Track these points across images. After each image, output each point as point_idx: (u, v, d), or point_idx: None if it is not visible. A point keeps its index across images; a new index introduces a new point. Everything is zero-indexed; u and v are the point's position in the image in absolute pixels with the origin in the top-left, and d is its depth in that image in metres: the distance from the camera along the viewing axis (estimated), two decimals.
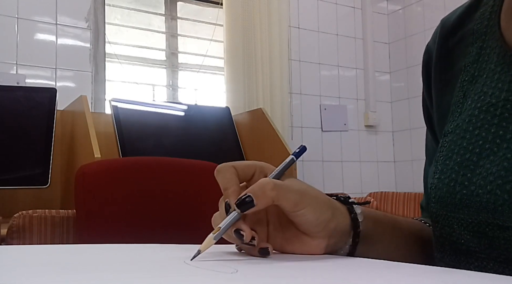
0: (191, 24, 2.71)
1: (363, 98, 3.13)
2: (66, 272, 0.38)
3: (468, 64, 0.54)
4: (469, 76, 0.53)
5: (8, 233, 1.15)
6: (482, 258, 0.44)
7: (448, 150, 0.51)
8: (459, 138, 0.50)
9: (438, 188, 0.49)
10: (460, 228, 0.46)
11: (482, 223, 0.44)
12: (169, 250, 0.52)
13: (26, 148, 1.71)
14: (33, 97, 1.78)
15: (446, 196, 0.48)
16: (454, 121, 0.52)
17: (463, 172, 0.47)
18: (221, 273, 0.39)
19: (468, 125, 0.50)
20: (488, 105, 0.49)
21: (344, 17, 3.11)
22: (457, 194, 0.46)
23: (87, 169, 1.28)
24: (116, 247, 0.54)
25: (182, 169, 1.38)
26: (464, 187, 0.46)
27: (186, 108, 2.24)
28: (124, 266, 0.42)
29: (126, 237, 1.20)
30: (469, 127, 0.49)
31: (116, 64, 2.43)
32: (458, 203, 0.46)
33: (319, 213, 0.44)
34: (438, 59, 0.59)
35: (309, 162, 2.84)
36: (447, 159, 0.50)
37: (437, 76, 0.59)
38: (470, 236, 0.45)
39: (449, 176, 0.48)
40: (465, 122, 0.50)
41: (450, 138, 0.51)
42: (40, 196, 1.87)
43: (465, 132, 0.49)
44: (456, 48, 0.58)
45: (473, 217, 0.44)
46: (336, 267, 0.41)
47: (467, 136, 0.49)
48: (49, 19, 2.20)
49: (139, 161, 1.40)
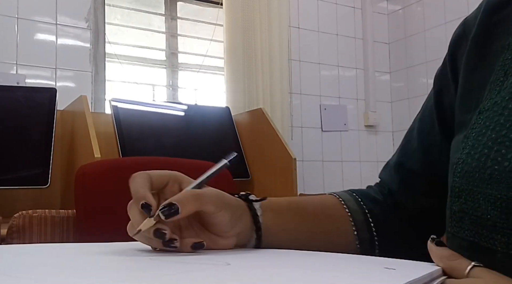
0: (191, 24, 2.71)
1: (363, 98, 3.13)
2: (67, 271, 0.38)
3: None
4: None
5: (8, 233, 1.15)
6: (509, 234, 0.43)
7: (483, 126, 0.48)
8: (496, 115, 0.48)
9: (466, 163, 0.48)
10: (487, 203, 0.44)
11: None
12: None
13: (26, 148, 1.71)
14: (33, 97, 1.78)
15: (475, 171, 0.46)
16: (492, 99, 0.50)
17: (497, 148, 0.45)
18: (216, 265, 0.39)
19: (507, 102, 0.47)
20: None
21: (344, 17, 3.11)
22: (488, 169, 0.45)
23: (87, 169, 1.28)
24: (112, 245, 0.54)
25: (182, 169, 1.38)
26: (496, 162, 0.45)
27: (186, 108, 2.24)
28: (120, 264, 0.42)
29: (126, 237, 1.20)
30: (509, 105, 0.47)
31: (116, 64, 2.43)
32: (488, 178, 0.45)
33: (231, 214, 0.50)
34: (477, 33, 0.57)
35: (309, 162, 2.84)
36: (480, 134, 0.48)
37: (472, 50, 0.57)
38: (497, 211, 0.43)
39: (481, 151, 0.47)
40: (504, 100, 0.48)
41: (486, 115, 0.49)
42: (40, 196, 1.87)
43: (504, 109, 0.47)
44: (499, 25, 0.55)
45: (502, 193, 0.43)
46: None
47: (505, 114, 0.47)
48: (49, 19, 2.20)
49: (139, 161, 1.40)
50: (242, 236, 0.52)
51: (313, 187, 2.76)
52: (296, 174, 2.03)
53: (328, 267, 0.42)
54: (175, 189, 0.51)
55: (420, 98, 0.65)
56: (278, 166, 2.08)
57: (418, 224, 0.62)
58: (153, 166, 1.39)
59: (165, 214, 0.46)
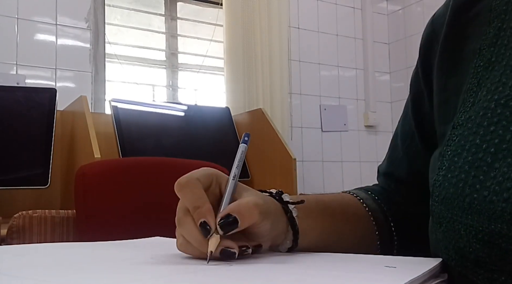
0: (191, 24, 2.71)
1: (363, 98, 3.13)
2: (67, 271, 0.38)
3: (484, 48, 0.48)
4: (485, 61, 0.47)
5: (8, 233, 1.15)
6: (492, 270, 0.39)
7: (458, 145, 0.45)
8: (471, 133, 0.44)
9: (443, 187, 0.44)
10: (468, 235, 0.40)
11: (495, 233, 0.38)
12: (161, 245, 0.52)
13: (26, 148, 1.71)
14: (33, 98, 1.78)
15: (453, 198, 0.43)
16: (466, 112, 0.46)
17: (475, 173, 0.42)
18: (218, 266, 0.39)
19: (482, 119, 0.44)
20: (507, 98, 0.43)
21: (344, 17, 3.11)
22: (466, 197, 0.41)
23: (87, 169, 1.28)
24: (115, 244, 0.54)
25: (182, 169, 1.38)
26: (475, 190, 0.41)
27: (186, 109, 2.24)
28: (121, 264, 0.42)
29: (126, 237, 1.20)
30: (483, 122, 0.43)
31: (116, 65, 2.43)
32: (467, 207, 0.41)
33: (272, 221, 0.46)
34: (447, 35, 0.53)
35: (309, 162, 2.84)
36: (456, 155, 0.44)
37: (444, 54, 0.53)
38: (479, 245, 0.39)
39: (457, 175, 0.43)
40: (478, 116, 0.44)
41: (460, 132, 0.46)
42: (40, 196, 1.87)
43: (478, 127, 0.44)
44: (469, 26, 0.51)
45: (484, 225, 0.39)
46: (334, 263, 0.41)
47: (480, 132, 0.43)
48: (49, 19, 2.20)
49: (139, 161, 1.40)
50: (276, 239, 0.48)
51: (313, 187, 2.76)
52: (296, 174, 2.03)
53: (328, 266, 0.42)
54: (217, 192, 0.47)
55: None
56: (278, 166, 2.08)
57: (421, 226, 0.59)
58: (153, 166, 1.39)
59: (224, 229, 0.42)
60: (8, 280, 0.33)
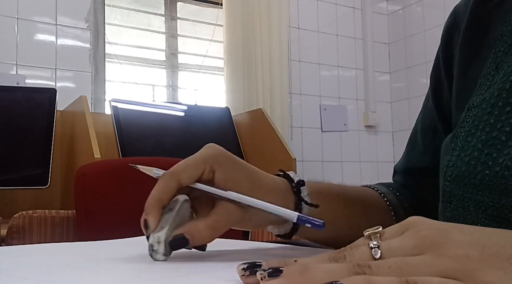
0: (191, 24, 2.71)
1: (363, 98, 3.12)
2: (67, 271, 0.38)
3: (506, 34, 0.47)
4: (506, 46, 0.47)
5: (8, 233, 1.15)
6: None
7: (472, 125, 0.45)
8: (486, 114, 0.44)
9: (456, 166, 0.45)
10: (478, 211, 0.41)
11: (505, 208, 0.39)
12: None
13: (26, 148, 1.71)
14: (33, 98, 1.78)
15: (465, 175, 0.43)
16: (481, 94, 0.46)
17: (488, 151, 0.42)
18: (219, 266, 0.39)
19: (497, 99, 0.44)
20: None
21: (344, 17, 3.11)
22: (478, 174, 0.42)
23: (87, 169, 1.28)
24: (116, 242, 0.54)
25: None
26: (487, 167, 0.41)
27: (186, 109, 2.24)
28: (121, 263, 0.42)
29: (126, 237, 1.20)
30: (499, 103, 0.43)
31: (116, 65, 2.43)
32: (478, 183, 0.41)
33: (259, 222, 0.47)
34: (470, 23, 0.52)
35: (309, 162, 2.84)
36: (470, 135, 0.45)
37: (466, 43, 0.53)
38: (488, 220, 0.40)
39: (470, 154, 0.43)
40: (493, 96, 0.44)
41: (474, 113, 0.46)
42: (40, 196, 1.87)
43: (493, 107, 0.44)
44: (493, 14, 0.50)
45: (494, 200, 0.40)
46: None
47: (495, 112, 0.43)
48: (49, 19, 2.20)
49: (139, 161, 1.40)
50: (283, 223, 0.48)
51: None
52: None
53: None
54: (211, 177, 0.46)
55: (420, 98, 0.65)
56: (278, 166, 2.07)
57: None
58: (153, 166, 1.39)
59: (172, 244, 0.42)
60: (8, 280, 0.34)
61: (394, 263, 0.27)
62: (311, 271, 0.27)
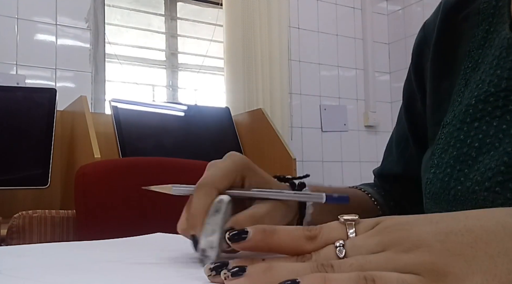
0: (191, 24, 2.71)
1: (363, 98, 3.13)
2: (67, 271, 0.38)
3: (472, 50, 0.49)
4: (473, 63, 0.48)
5: (8, 233, 1.15)
6: None
7: (445, 142, 0.47)
8: (456, 130, 0.46)
9: (432, 183, 0.46)
10: None
11: None
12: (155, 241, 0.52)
13: (26, 148, 1.71)
14: (33, 98, 1.78)
15: (440, 192, 0.44)
16: (453, 111, 0.48)
17: (460, 167, 0.43)
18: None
19: (464, 116, 0.45)
20: (486, 94, 0.44)
21: (344, 17, 3.11)
22: (451, 190, 0.43)
23: (87, 169, 1.28)
24: (114, 242, 0.54)
25: (182, 169, 1.38)
26: (459, 183, 0.42)
27: (186, 109, 2.24)
28: (122, 263, 0.42)
29: (126, 236, 1.20)
30: (466, 119, 0.45)
31: (116, 65, 2.43)
32: (452, 199, 0.43)
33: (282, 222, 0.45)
34: (438, 39, 0.54)
35: (309, 162, 2.84)
36: (443, 152, 0.46)
37: (436, 58, 0.54)
38: None
39: (444, 171, 0.45)
40: (462, 113, 0.46)
41: (447, 130, 0.47)
42: (40, 196, 1.87)
43: (462, 124, 0.45)
44: (459, 29, 0.51)
45: None
46: None
47: (464, 129, 0.45)
48: (49, 19, 2.20)
49: (139, 161, 1.40)
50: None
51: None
52: (296, 174, 2.03)
53: None
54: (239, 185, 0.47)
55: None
56: (278, 166, 2.08)
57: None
58: (153, 166, 1.39)
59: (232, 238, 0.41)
60: (8, 280, 0.33)
61: (356, 261, 0.27)
62: (275, 270, 0.27)
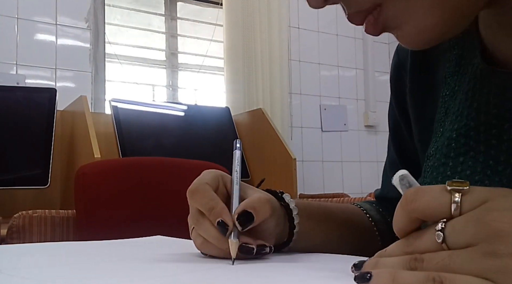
0: (191, 24, 2.71)
1: (363, 98, 3.13)
2: (67, 271, 0.38)
3: (448, 76, 0.48)
4: (450, 90, 0.47)
5: (8, 233, 1.15)
6: None
7: (431, 177, 0.46)
8: (441, 165, 0.45)
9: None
10: None
11: None
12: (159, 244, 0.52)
13: (26, 148, 1.71)
14: (33, 98, 1.78)
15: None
16: (436, 142, 0.47)
17: None
18: (219, 265, 0.39)
19: (448, 149, 0.44)
20: (466, 128, 0.44)
21: (344, 17, 3.09)
22: None
23: (87, 169, 1.28)
24: (115, 243, 0.54)
25: (182, 169, 1.38)
26: None
27: (186, 109, 2.24)
28: (122, 263, 0.42)
29: (126, 236, 1.20)
30: (450, 153, 0.44)
31: (116, 64, 2.43)
32: None
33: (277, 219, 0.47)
34: (414, 64, 0.53)
35: (309, 162, 2.84)
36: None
37: (415, 87, 0.53)
38: None
39: None
40: (444, 147, 0.45)
41: (431, 163, 0.47)
42: (40, 196, 1.87)
43: (447, 158, 0.44)
44: (433, 53, 0.50)
45: None
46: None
47: (450, 164, 0.44)
48: (49, 19, 2.20)
49: (139, 161, 1.40)
50: (279, 237, 0.49)
51: (313, 187, 2.76)
52: (296, 174, 2.03)
53: (330, 267, 0.42)
54: (224, 191, 0.48)
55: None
56: (278, 166, 2.08)
57: None
58: (153, 166, 1.39)
59: (242, 224, 0.42)
60: (8, 280, 0.33)
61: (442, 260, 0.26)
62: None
